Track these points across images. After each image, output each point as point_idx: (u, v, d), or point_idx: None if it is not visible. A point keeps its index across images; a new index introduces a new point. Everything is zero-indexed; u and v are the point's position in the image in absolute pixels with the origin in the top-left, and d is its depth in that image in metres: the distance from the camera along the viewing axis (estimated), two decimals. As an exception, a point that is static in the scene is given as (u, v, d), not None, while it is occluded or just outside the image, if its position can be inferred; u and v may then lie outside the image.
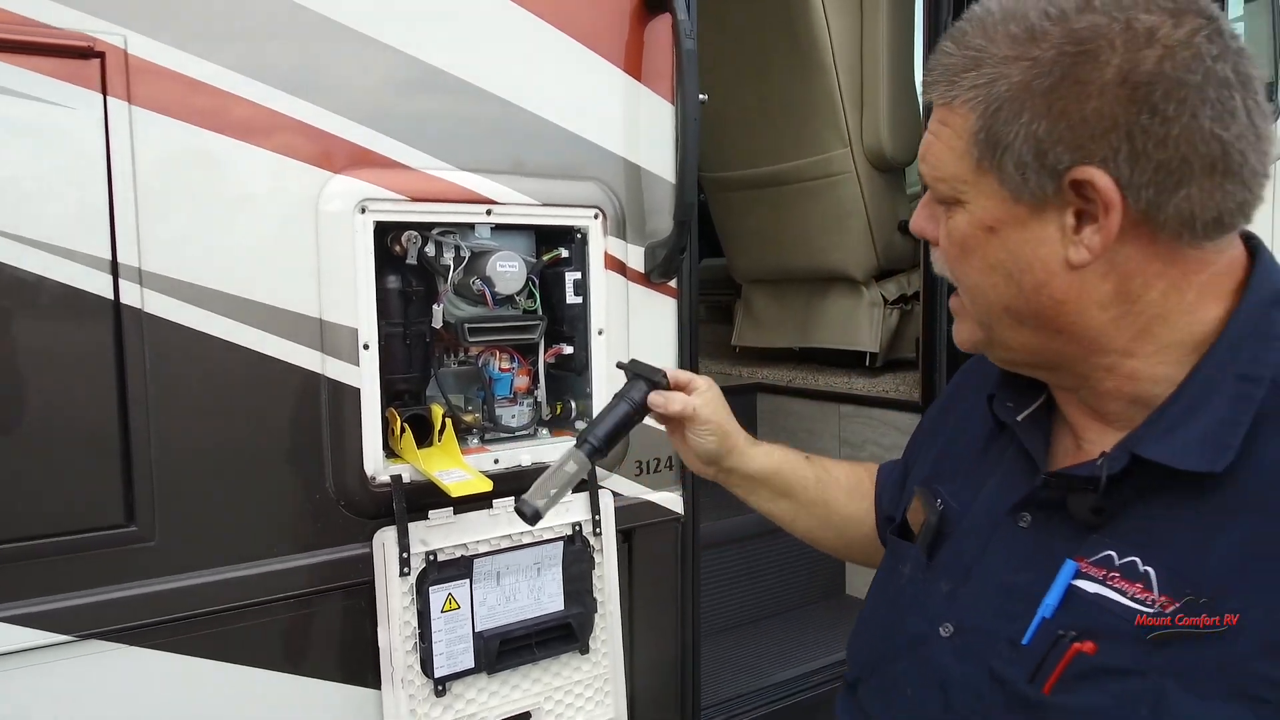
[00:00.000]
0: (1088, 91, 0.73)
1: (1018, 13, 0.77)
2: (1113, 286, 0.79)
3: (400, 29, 1.49)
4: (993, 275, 0.83)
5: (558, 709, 1.69)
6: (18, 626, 1.25)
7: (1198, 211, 0.75)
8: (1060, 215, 0.78)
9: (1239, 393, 0.77)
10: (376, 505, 1.51)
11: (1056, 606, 0.80)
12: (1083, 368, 0.85)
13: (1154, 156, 0.73)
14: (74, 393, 1.28)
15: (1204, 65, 0.72)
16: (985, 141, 0.79)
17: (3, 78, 1.20)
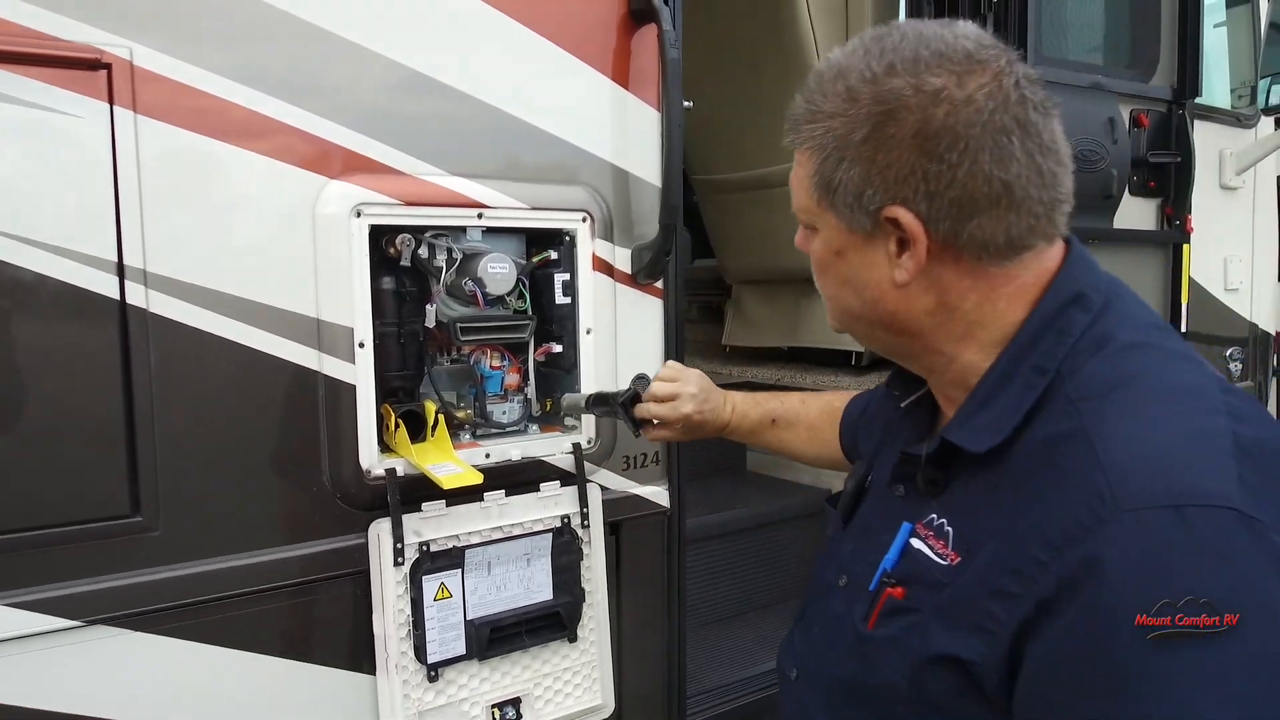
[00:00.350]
0: (890, 144, 0.87)
1: (845, 72, 0.89)
2: (934, 299, 0.93)
3: (394, 39, 1.55)
4: (843, 289, 0.98)
5: (547, 695, 1.75)
6: (30, 612, 1.31)
7: (989, 237, 0.88)
8: (885, 244, 0.91)
9: (1028, 382, 0.88)
10: (372, 498, 1.57)
11: (895, 560, 0.95)
12: (927, 360, 0.99)
13: (945, 195, 0.86)
14: (82, 389, 1.34)
15: (982, 118, 0.84)
16: (820, 183, 0.92)
17: (15, 88, 1.26)
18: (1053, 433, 0.84)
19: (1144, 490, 0.75)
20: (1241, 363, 3.50)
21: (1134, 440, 0.79)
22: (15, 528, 1.30)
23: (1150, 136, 2.64)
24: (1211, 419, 0.80)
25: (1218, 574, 0.71)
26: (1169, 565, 0.71)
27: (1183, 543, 0.72)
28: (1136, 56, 2.68)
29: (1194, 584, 0.70)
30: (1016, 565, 0.79)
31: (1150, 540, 0.73)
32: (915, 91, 0.85)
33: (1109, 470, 0.77)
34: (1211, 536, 0.72)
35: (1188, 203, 2.72)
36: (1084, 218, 2.51)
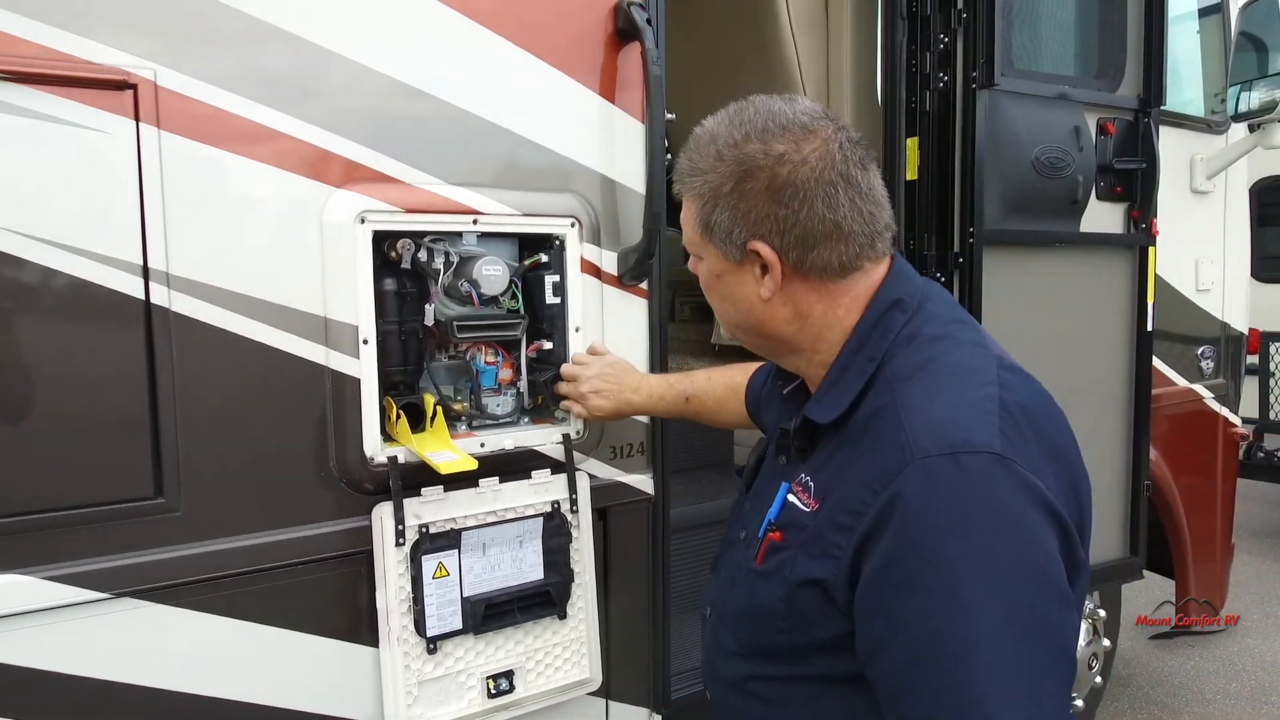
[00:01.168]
0: (750, 195, 1.13)
1: (715, 138, 1.16)
2: (791, 310, 1.19)
3: (396, 59, 1.67)
4: (725, 303, 1.25)
5: (538, 668, 1.87)
6: (63, 585, 1.44)
7: (827, 262, 1.14)
8: (751, 269, 1.18)
9: (860, 370, 1.15)
10: (375, 483, 1.69)
11: (777, 512, 1.20)
12: (792, 359, 1.26)
13: (792, 232, 1.12)
14: (111, 382, 1.46)
15: (815, 174, 1.10)
16: (702, 222, 1.18)
17: (50, 107, 1.39)
18: (874, 406, 1.12)
19: (930, 444, 1.01)
20: (1213, 360, 3.63)
21: (924, 408, 1.06)
22: (50, 507, 1.43)
23: (1117, 143, 2.76)
24: (982, 390, 1.07)
25: (982, 500, 0.99)
26: (947, 493, 0.99)
27: (955, 477, 0.99)
28: (1104, 67, 2.81)
29: (967, 509, 0.98)
30: (851, 506, 1.06)
31: (934, 478, 1.00)
32: (765, 155, 1.11)
33: (909, 431, 1.04)
34: (976, 471, 0.99)
35: (1153, 206, 2.84)
36: (1051, 221, 2.63)
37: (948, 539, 0.98)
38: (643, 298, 2.03)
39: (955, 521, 0.98)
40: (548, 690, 1.89)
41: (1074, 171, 2.59)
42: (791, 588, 1.12)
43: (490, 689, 1.82)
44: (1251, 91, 3.38)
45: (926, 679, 0.98)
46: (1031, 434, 1.04)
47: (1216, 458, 3.70)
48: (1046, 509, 1.00)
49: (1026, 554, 0.98)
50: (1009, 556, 0.98)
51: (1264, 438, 6.06)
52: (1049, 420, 1.09)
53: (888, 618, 1.01)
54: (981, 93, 2.43)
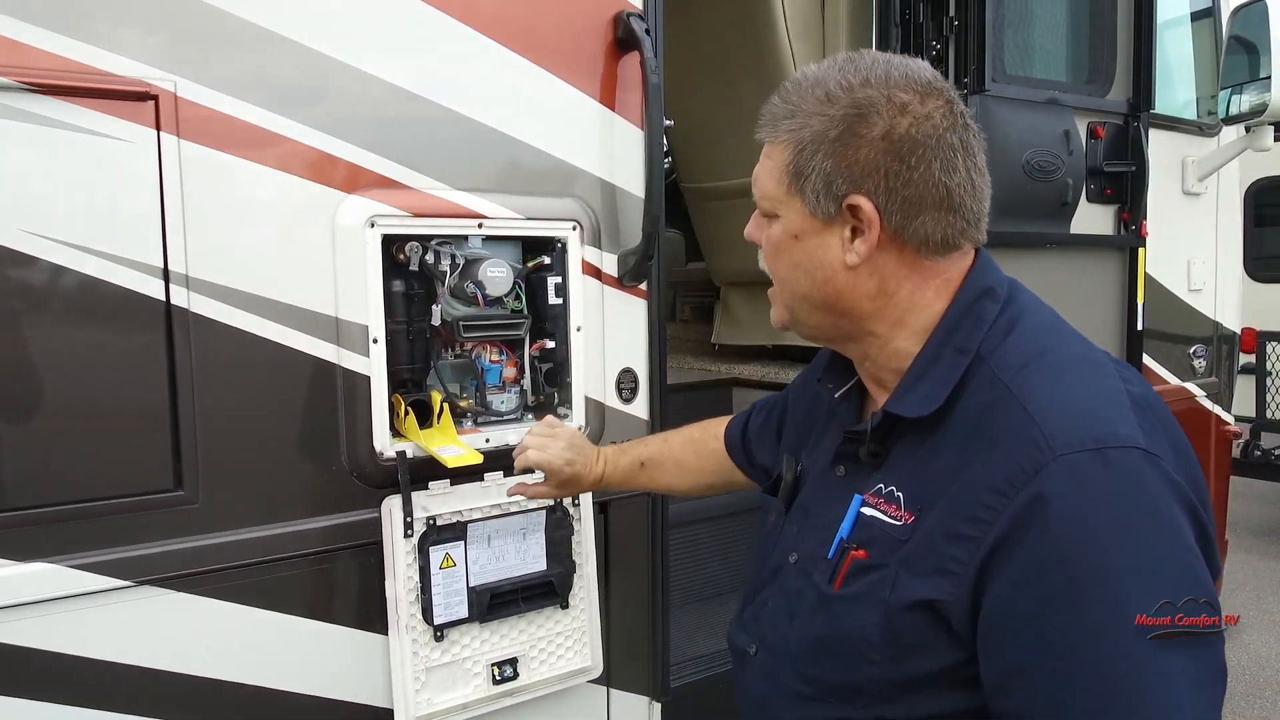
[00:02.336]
0: (861, 143, 1.02)
1: (822, 80, 1.05)
2: (876, 285, 1.08)
3: (406, 70, 1.74)
4: (796, 270, 1.11)
5: (541, 655, 1.94)
6: (88, 573, 1.51)
7: (930, 234, 1.04)
8: (841, 230, 1.06)
9: (953, 361, 1.05)
10: (384, 477, 1.76)
11: (850, 528, 1.08)
12: (863, 343, 1.13)
13: (901, 192, 1.02)
14: (133, 379, 1.54)
15: (938, 133, 1.02)
16: (794, 171, 1.06)
17: (76, 117, 1.46)
18: (983, 400, 1.01)
19: (1073, 438, 0.91)
20: (1205, 360, 3.68)
21: (1056, 400, 0.96)
22: (76, 498, 1.50)
23: (1107, 147, 2.83)
24: (1110, 381, 0.99)
25: (1139, 500, 0.90)
26: (1099, 495, 0.90)
27: (1106, 476, 0.90)
28: (1094, 72, 2.87)
29: (1125, 511, 0.89)
30: (972, 513, 0.94)
31: (1081, 477, 0.90)
32: (886, 101, 1.02)
33: (1042, 424, 0.93)
34: (1127, 469, 0.90)
35: (1143, 208, 2.90)
36: (1041, 223, 2.70)
37: (1108, 547, 0.88)
38: (642, 298, 2.10)
39: (1112, 526, 0.89)
40: (550, 677, 1.96)
41: (1064, 174, 2.65)
42: (893, 612, 0.99)
43: (495, 675, 1.88)
44: (1242, 94, 3.44)
45: (1092, 703, 0.87)
46: (1163, 432, 0.96)
47: (1209, 455, 3.76)
48: (1189, 508, 0.92)
49: (1184, 559, 0.90)
50: (1170, 564, 0.89)
51: (1261, 436, 6.11)
52: (1168, 414, 1.01)
53: (1035, 641, 0.90)
54: (973, 98, 2.49)
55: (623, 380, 2.08)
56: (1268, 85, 3.34)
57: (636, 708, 2.17)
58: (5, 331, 1.44)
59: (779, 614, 1.18)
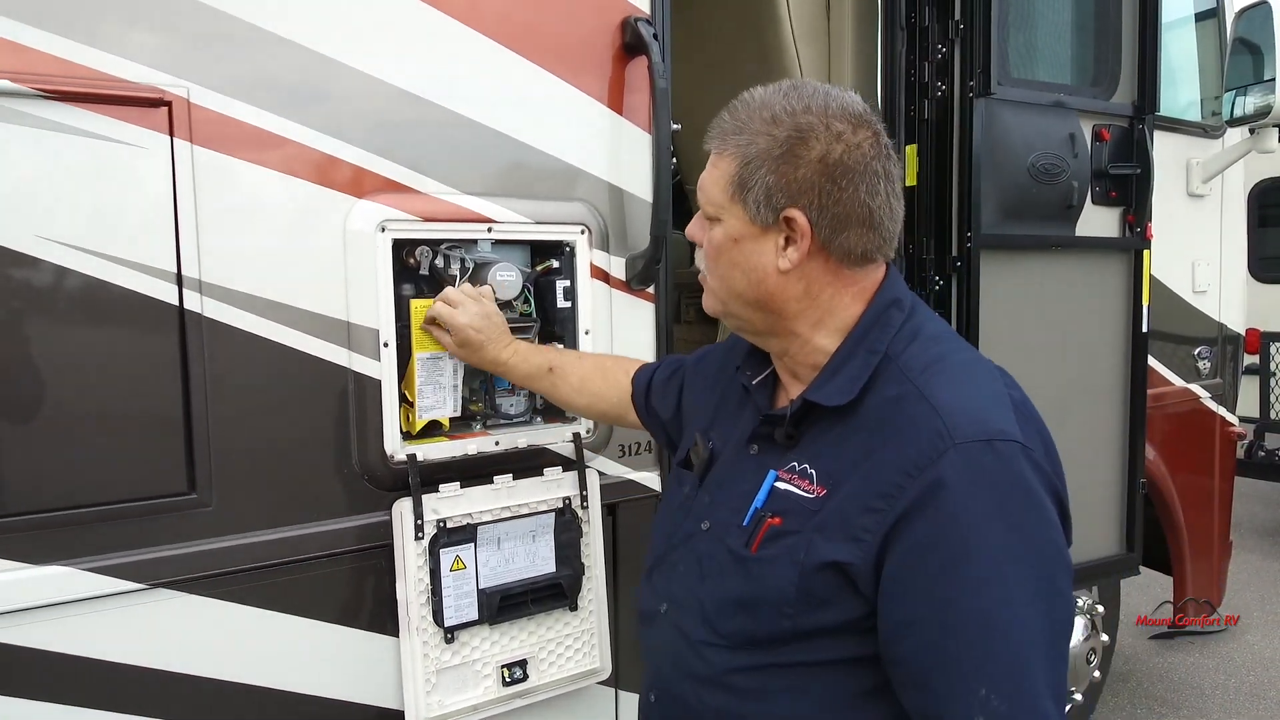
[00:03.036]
0: (800, 163, 1.16)
1: (769, 103, 1.19)
2: (802, 288, 1.22)
3: (416, 75, 1.75)
4: (734, 270, 1.24)
5: (550, 657, 1.95)
6: (103, 576, 1.52)
7: (853, 247, 1.19)
8: (776, 237, 1.20)
9: (865, 360, 1.20)
10: (394, 479, 1.77)
11: (764, 500, 1.22)
12: (784, 340, 1.27)
13: (831, 209, 1.17)
14: (146, 383, 1.55)
15: (866, 160, 1.17)
16: (738, 182, 1.20)
17: (89, 123, 1.47)
18: (891, 394, 1.17)
19: (968, 431, 1.09)
20: (1209, 361, 3.69)
21: (955, 398, 1.13)
22: (90, 502, 1.51)
23: (1112, 149, 2.83)
24: (997, 385, 1.18)
25: (1017, 486, 1.08)
26: (988, 479, 1.07)
27: (993, 465, 1.08)
28: (1099, 75, 2.87)
29: (1006, 494, 1.07)
30: (881, 489, 1.10)
31: (975, 464, 1.07)
32: (825, 129, 1.16)
33: (944, 418, 1.10)
34: (1008, 458, 1.08)
35: (1148, 211, 2.91)
36: (1047, 226, 2.70)
37: (991, 520, 1.06)
38: (650, 301, 2.11)
39: (997, 505, 1.07)
40: (559, 679, 1.97)
41: (1069, 177, 2.66)
42: (807, 571, 1.14)
43: (505, 677, 1.89)
44: (1247, 96, 3.45)
45: (966, 650, 1.05)
46: (1034, 430, 1.14)
47: (1214, 456, 3.76)
48: (1054, 494, 1.11)
49: (1049, 534, 1.09)
50: (1038, 537, 1.08)
51: (1265, 437, 6.11)
52: (1036, 414, 1.19)
53: (927, 597, 1.07)
54: (978, 101, 2.50)
55: (631, 383, 2.09)
56: (1273, 87, 3.35)
57: (644, 709, 2.18)
58: (20, 335, 1.45)
59: (689, 575, 1.30)
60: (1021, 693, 1.04)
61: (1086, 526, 2.86)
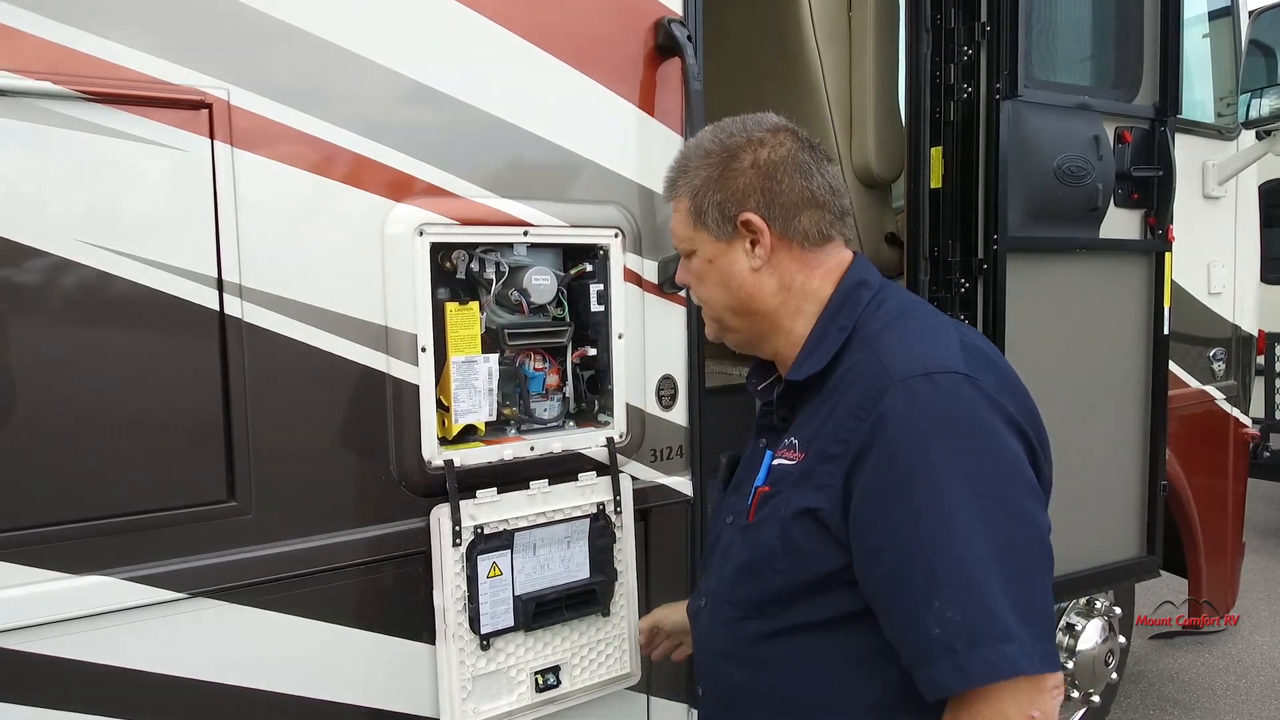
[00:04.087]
0: (737, 173, 1.33)
1: (700, 143, 1.39)
2: (776, 281, 1.35)
3: (453, 79, 1.74)
4: (717, 288, 1.39)
5: (583, 663, 1.94)
6: (142, 585, 1.50)
7: (807, 229, 1.34)
8: (742, 243, 1.35)
9: (835, 336, 1.31)
10: (431, 486, 1.75)
11: (764, 478, 1.34)
12: (775, 339, 1.40)
13: (777, 201, 1.32)
14: (186, 389, 1.53)
15: (791, 154, 1.33)
16: (695, 211, 1.36)
17: (129, 125, 1.45)
18: (852, 360, 1.27)
19: (907, 368, 1.18)
20: (1224, 362, 3.69)
21: (898, 344, 1.23)
22: (130, 511, 1.49)
23: (1134, 151, 2.82)
24: (945, 332, 1.26)
25: (957, 409, 1.16)
26: (926, 405, 1.16)
27: (931, 393, 1.16)
28: (1121, 77, 2.86)
29: (944, 417, 1.15)
30: (837, 436, 1.21)
31: (913, 394, 1.16)
32: (747, 141, 1.34)
33: (886, 362, 1.21)
34: (947, 387, 1.17)
35: (1169, 213, 2.90)
36: (1072, 228, 2.69)
37: (930, 442, 1.14)
38: (681, 305, 2.09)
39: (935, 426, 1.14)
40: (592, 685, 1.96)
41: (1094, 180, 2.65)
42: (785, 523, 1.25)
43: (538, 683, 1.88)
44: (1262, 99, 3.45)
45: (918, 569, 1.12)
46: (989, 369, 1.22)
47: (1228, 458, 3.77)
48: (1010, 421, 1.18)
49: (999, 453, 1.15)
50: (984, 455, 1.15)
51: (1270, 438, 6.13)
52: (1004, 364, 1.28)
53: (883, 526, 1.15)
54: (1005, 103, 2.49)
55: (662, 387, 2.08)
56: (1289, 89, 3.35)
57: (675, 714, 2.17)
58: (58, 340, 1.43)
59: (720, 567, 1.42)
60: (971, 602, 1.09)
61: (1107, 528, 2.86)
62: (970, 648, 1.09)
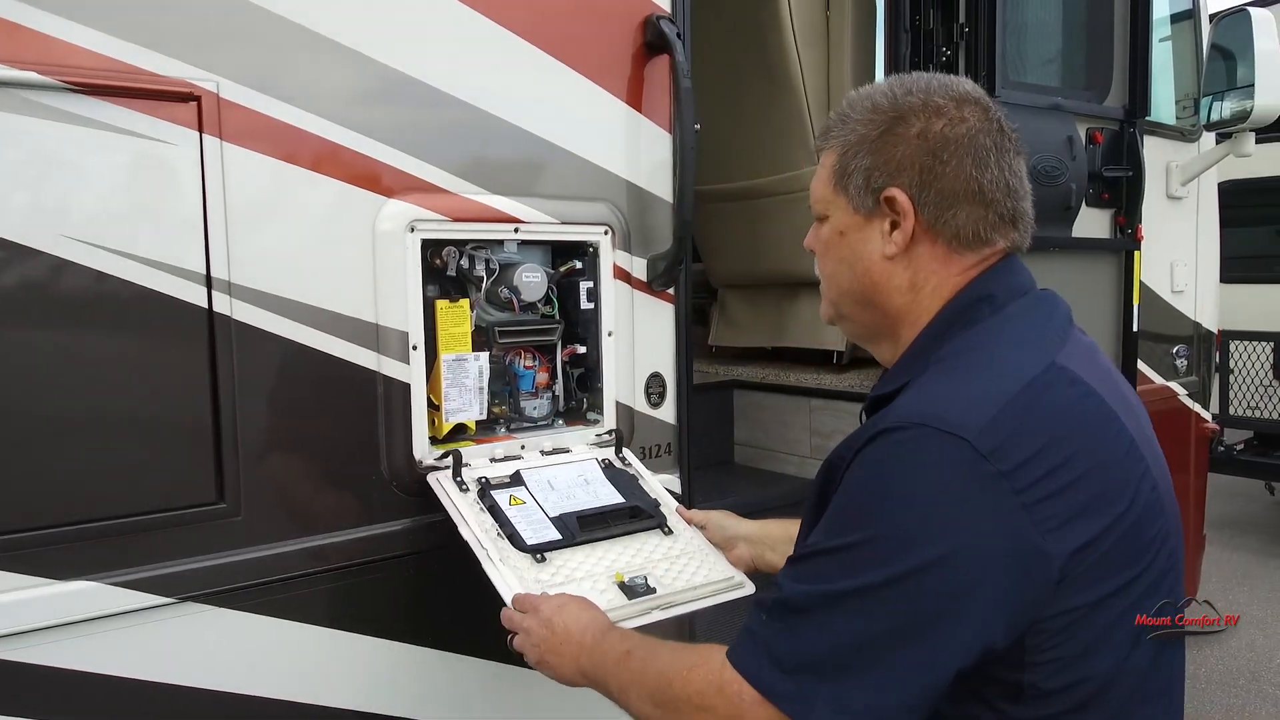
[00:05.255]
0: (898, 141, 1.15)
1: (871, 94, 1.20)
2: (908, 278, 1.18)
3: (445, 74, 1.71)
4: (840, 265, 1.23)
5: (673, 571, 1.67)
6: (130, 590, 1.45)
7: (962, 226, 1.14)
8: (881, 223, 1.17)
9: (924, 361, 1.14)
10: (423, 485, 1.72)
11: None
12: (890, 345, 1.24)
13: (934, 186, 1.13)
14: (175, 389, 1.49)
15: (971, 134, 1.13)
16: (839, 171, 1.20)
17: (116, 118, 1.41)
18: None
19: (906, 417, 1.03)
20: (1186, 359, 3.78)
21: (933, 382, 1.08)
22: (118, 514, 1.45)
23: (1104, 152, 2.88)
24: (1001, 384, 1.04)
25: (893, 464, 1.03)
26: (874, 459, 1.04)
27: (889, 447, 1.02)
28: (1092, 78, 2.93)
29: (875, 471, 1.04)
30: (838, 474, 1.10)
31: (880, 445, 1.03)
32: (924, 106, 1.14)
33: (902, 408, 1.05)
34: (912, 441, 1.01)
35: (1138, 213, 2.97)
36: (1046, 228, 2.73)
37: (846, 498, 1.06)
38: (670, 303, 2.09)
39: (861, 482, 1.05)
40: (694, 587, 1.65)
41: (1068, 180, 2.70)
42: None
43: (627, 590, 1.59)
44: (1224, 101, 3.53)
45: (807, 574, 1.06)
46: (1014, 424, 1.00)
47: (1190, 452, 3.86)
48: (991, 486, 0.97)
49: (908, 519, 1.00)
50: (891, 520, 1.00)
51: (1224, 433, 6.28)
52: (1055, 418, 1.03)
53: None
54: (983, 103, 2.52)
55: (651, 385, 2.07)
56: (1249, 93, 3.44)
57: None
58: (41, 339, 1.38)
59: None
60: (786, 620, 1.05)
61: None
62: (751, 635, 1.08)
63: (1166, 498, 1.12)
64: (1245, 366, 5.99)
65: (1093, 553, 1.01)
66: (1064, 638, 1.02)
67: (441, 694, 1.79)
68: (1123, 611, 1.05)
